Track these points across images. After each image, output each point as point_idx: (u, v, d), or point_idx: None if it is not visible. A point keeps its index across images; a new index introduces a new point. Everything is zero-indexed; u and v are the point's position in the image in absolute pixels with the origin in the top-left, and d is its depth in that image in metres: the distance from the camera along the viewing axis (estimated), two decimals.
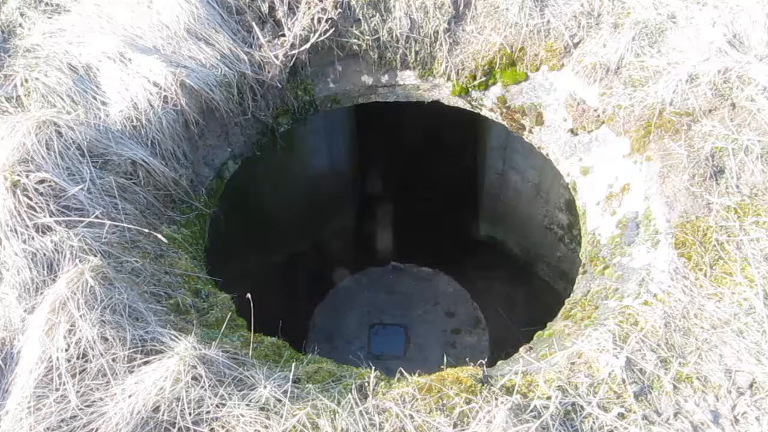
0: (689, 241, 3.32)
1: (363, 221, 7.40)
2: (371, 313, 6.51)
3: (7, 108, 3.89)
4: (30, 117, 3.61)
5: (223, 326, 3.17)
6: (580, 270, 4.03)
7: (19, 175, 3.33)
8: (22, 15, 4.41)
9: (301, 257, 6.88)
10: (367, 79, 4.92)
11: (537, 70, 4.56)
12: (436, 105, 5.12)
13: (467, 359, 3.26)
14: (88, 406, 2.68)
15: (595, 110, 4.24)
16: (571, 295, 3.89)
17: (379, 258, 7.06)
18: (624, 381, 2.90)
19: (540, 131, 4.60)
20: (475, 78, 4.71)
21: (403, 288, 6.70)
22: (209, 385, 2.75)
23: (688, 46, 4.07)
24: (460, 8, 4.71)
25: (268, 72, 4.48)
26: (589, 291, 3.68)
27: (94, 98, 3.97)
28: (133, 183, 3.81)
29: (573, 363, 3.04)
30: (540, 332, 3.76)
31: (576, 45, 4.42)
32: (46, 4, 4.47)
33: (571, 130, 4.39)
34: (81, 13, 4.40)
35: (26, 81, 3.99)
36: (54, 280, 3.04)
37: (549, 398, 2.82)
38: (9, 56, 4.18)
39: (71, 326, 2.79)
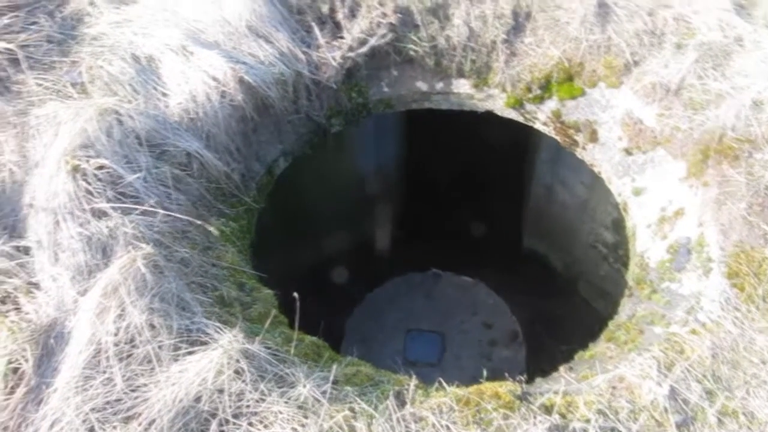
0: (743, 272, 3.24)
1: (406, 226, 7.40)
2: (408, 318, 6.51)
3: (72, 94, 4.00)
4: (93, 104, 3.71)
5: (267, 322, 3.20)
6: (626, 292, 3.96)
7: (79, 160, 3.43)
8: (91, 4, 4.53)
9: (341, 258, 6.91)
10: (422, 85, 4.92)
11: (594, 86, 4.50)
12: (488, 115, 5.09)
13: (505, 374, 3.24)
14: (132, 391, 2.74)
15: (652, 131, 4.16)
16: (615, 317, 3.83)
17: (420, 264, 7.05)
18: (666, 410, 2.84)
19: (593, 148, 4.54)
20: (530, 90, 4.67)
21: (442, 295, 6.69)
22: (250, 380, 2.79)
23: (754, 70, 3.97)
24: (520, 19, 4.68)
25: (325, 72, 4.51)
26: (635, 314, 3.62)
27: (155, 89, 4.06)
28: (187, 174, 3.88)
29: (614, 387, 3.00)
30: (581, 352, 3.71)
31: (636, 63, 4.36)
32: None
33: (626, 150, 4.32)
34: (147, 5, 4.50)
35: (91, 68, 4.10)
36: (107, 264, 3.11)
37: (588, 421, 2.79)
38: (77, 43, 4.29)
39: (121, 311, 2.86)
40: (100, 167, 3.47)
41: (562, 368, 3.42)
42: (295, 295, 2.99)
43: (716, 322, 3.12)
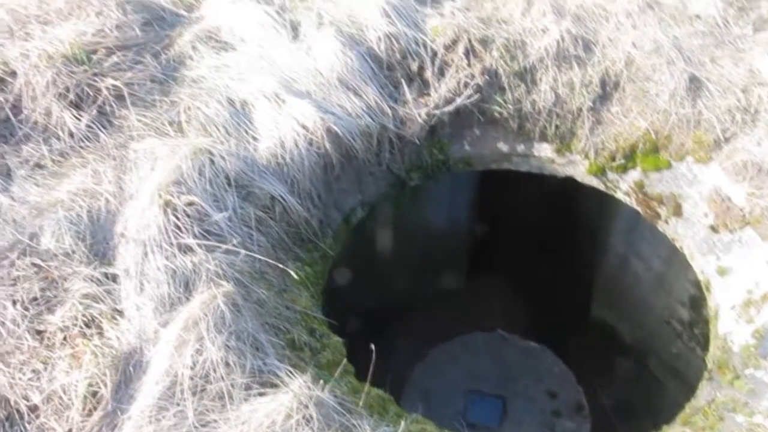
0: None
1: (473, 284, 7.33)
2: (471, 379, 6.40)
3: (169, 131, 4.20)
4: (188, 143, 3.90)
5: (338, 371, 3.22)
6: (705, 375, 3.80)
7: (172, 195, 3.58)
8: (193, 48, 4.77)
9: (406, 311, 6.90)
10: (503, 147, 4.95)
11: (681, 160, 4.43)
12: (568, 180, 5.06)
13: None
14: (203, 426, 2.78)
15: (741, 210, 4.05)
16: (693, 400, 3.67)
17: (486, 324, 6.96)
18: None
19: (676, 223, 4.44)
20: (614, 159, 4.63)
21: (506, 359, 6.56)
22: (318, 428, 2.79)
23: None
24: (608, 88, 4.68)
25: (409, 128, 4.59)
26: (714, 400, 3.46)
27: (246, 132, 4.22)
28: (269, 217, 3.99)
29: None
30: None
31: (727, 140, 4.27)
32: (216, 41, 4.83)
33: (712, 227, 4.20)
34: (245, 53, 4.72)
35: (189, 109, 4.30)
36: (188, 298, 3.21)
37: None
38: (177, 84, 4.52)
39: (199, 346, 2.93)
40: (190, 204, 3.61)
41: None
42: (372, 347, 3.00)
43: None
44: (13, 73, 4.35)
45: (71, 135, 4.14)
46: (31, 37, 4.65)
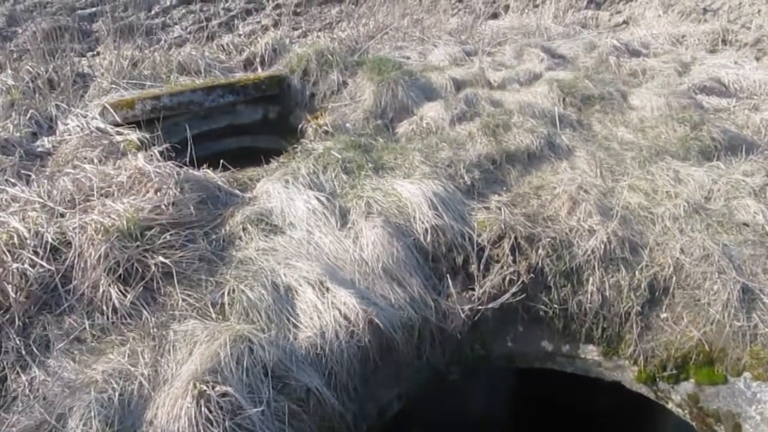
0: None
1: None
2: None
3: (211, 313, 4.18)
4: (230, 329, 3.86)
5: None
6: None
7: (206, 385, 3.48)
8: (244, 229, 4.88)
9: None
10: (547, 346, 4.80)
11: (738, 375, 4.20)
12: (615, 385, 4.82)
13: None
14: None
15: None
16: None
17: None
18: None
19: None
20: (665, 368, 4.43)
21: None
22: None
23: None
24: (657, 293, 4.59)
25: (452, 322, 4.52)
26: None
27: (288, 320, 4.17)
28: (303, 410, 3.82)
29: None
30: None
31: None
32: (267, 223, 4.95)
33: None
34: (293, 237, 4.80)
35: (233, 291, 4.30)
36: None
37: None
38: (224, 264, 4.57)
39: None
40: (224, 395, 3.50)
41: None
42: None
43: None
44: (68, 244, 4.46)
45: (114, 311, 4.15)
46: (91, 208, 4.83)
